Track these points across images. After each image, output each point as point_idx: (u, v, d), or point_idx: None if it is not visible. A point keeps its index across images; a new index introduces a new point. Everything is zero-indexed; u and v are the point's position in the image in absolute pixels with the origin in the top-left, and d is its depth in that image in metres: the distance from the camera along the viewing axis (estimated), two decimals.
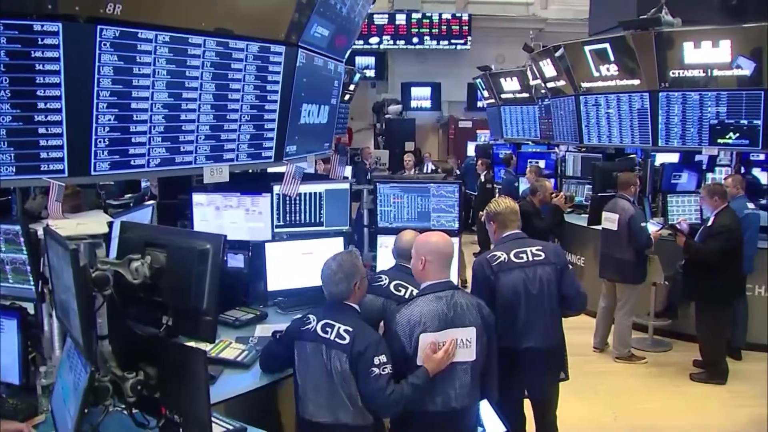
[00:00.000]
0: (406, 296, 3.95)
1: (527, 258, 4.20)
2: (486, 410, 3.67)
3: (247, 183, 5.25)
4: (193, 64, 3.75)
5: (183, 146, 3.84)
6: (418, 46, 18.16)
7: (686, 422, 5.79)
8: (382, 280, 4.13)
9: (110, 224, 3.18)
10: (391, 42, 18.07)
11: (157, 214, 4.90)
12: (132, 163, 3.57)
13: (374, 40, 17.92)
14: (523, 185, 10.06)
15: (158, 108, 3.62)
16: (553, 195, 8.09)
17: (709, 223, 6.60)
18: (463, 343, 3.37)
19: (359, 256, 3.74)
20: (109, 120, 3.37)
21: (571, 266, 4.66)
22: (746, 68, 7.23)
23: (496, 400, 3.68)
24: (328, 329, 3.37)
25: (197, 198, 5.15)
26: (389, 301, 4.01)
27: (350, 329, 3.33)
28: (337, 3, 4.75)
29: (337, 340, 3.33)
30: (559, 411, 4.63)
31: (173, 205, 5.44)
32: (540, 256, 4.22)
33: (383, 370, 3.24)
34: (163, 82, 3.60)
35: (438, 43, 18.12)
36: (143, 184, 7.60)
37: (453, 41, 18.13)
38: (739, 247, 6.49)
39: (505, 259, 4.18)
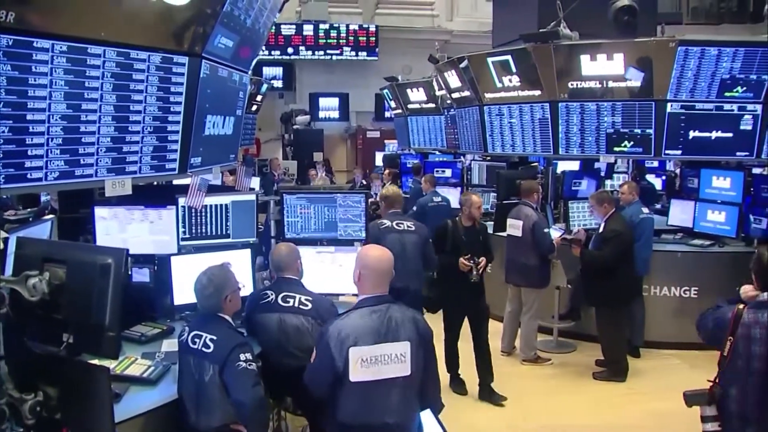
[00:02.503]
0: (296, 305, 4.13)
1: (404, 228, 6.19)
2: (428, 421, 3.47)
3: (152, 196, 5.14)
4: (93, 74, 3.64)
5: (83, 159, 3.73)
6: (325, 57, 18.14)
7: (591, 419, 6.02)
8: (269, 297, 4.21)
9: (5, 240, 3.07)
10: (300, 52, 18.01)
11: (57, 229, 4.74)
12: (28, 176, 3.43)
13: (282, 50, 17.82)
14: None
15: (56, 119, 3.50)
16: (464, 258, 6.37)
17: (600, 230, 6.86)
18: (397, 358, 3.28)
19: (230, 269, 3.78)
20: (3, 132, 3.24)
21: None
22: (636, 79, 7.61)
23: (439, 410, 3.53)
24: (197, 339, 3.52)
25: (99, 212, 5.01)
26: (283, 315, 4.10)
27: (215, 338, 3.48)
28: (241, 14, 4.73)
29: (203, 349, 3.47)
30: (470, 413, 4.77)
31: (75, 219, 5.27)
32: (412, 228, 6.22)
33: (249, 365, 3.41)
34: (60, 93, 3.48)
35: (347, 54, 18.16)
36: (43, 198, 7.33)
37: (360, 52, 18.19)
38: (631, 249, 6.77)
39: (389, 224, 6.19)
